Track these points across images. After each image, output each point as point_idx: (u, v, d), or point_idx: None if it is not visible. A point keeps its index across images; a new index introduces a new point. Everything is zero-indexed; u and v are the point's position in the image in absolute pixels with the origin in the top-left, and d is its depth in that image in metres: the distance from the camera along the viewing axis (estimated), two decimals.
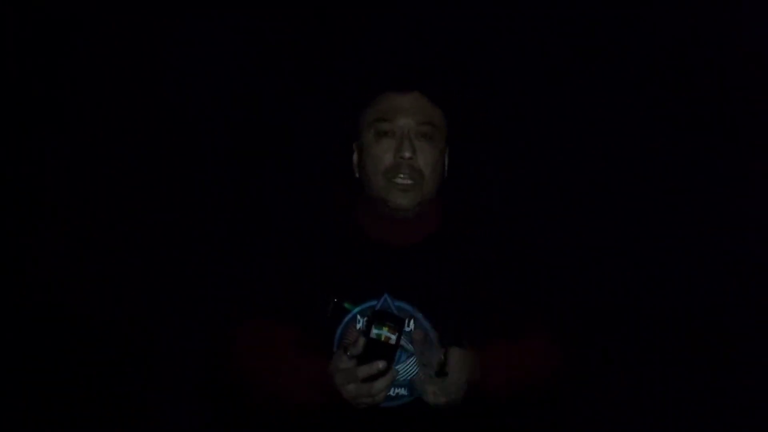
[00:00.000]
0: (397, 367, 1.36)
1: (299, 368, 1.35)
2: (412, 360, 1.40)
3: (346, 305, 1.42)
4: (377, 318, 1.28)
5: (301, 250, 1.46)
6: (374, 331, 1.27)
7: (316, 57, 2.22)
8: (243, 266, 1.53)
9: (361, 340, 1.27)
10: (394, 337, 1.27)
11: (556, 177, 2.33)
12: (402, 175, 1.42)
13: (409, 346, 1.40)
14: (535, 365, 1.41)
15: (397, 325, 1.28)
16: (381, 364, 1.26)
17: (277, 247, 1.48)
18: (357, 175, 1.51)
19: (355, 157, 1.52)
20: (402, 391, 1.39)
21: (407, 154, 1.41)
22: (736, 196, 2.29)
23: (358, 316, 1.42)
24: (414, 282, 1.44)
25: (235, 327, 1.46)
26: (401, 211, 1.45)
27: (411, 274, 1.44)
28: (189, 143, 2.29)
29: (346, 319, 1.42)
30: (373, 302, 1.43)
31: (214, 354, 1.49)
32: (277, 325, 1.42)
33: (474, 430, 1.39)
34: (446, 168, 1.54)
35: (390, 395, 1.35)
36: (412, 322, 1.42)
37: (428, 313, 1.43)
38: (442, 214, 1.54)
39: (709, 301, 2.29)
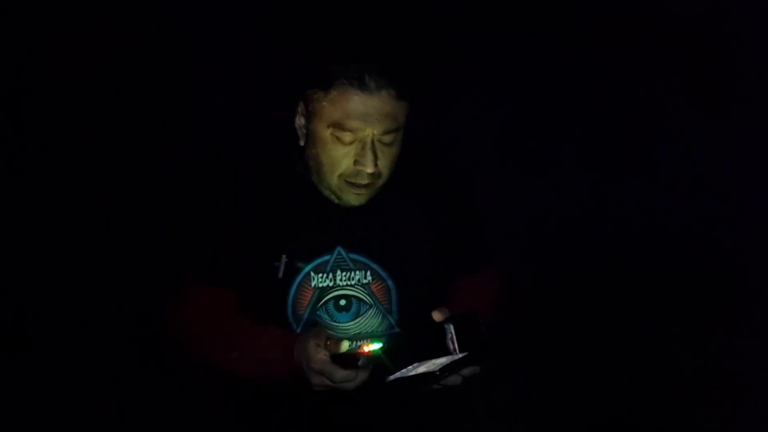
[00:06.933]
0: (356, 320, 1.38)
1: (264, 341, 1.28)
2: (371, 311, 1.39)
3: (299, 264, 1.35)
4: None
5: (244, 208, 1.36)
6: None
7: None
8: (182, 228, 1.41)
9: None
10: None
11: (507, 132, 2.31)
12: (360, 181, 1.31)
13: (367, 298, 1.39)
14: (492, 289, 1.50)
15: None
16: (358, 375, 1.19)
17: (218, 207, 1.37)
18: (302, 143, 1.35)
19: (300, 120, 1.34)
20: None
21: (369, 169, 1.28)
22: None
23: (312, 273, 1.36)
24: (367, 233, 1.38)
25: (174, 294, 1.36)
26: (351, 206, 1.36)
27: (363, 225, 1.38)
28: (123, 97, 2.10)
29: (299, 278, 1.35)
30: (326, 257, 1.37)
31: (157, 321, 1.39)
32: (221, 290, 1.33)
33: None
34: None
35: None
36: (368, 273, 1.39)
37: (384, 263, 1.39)
38: None
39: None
